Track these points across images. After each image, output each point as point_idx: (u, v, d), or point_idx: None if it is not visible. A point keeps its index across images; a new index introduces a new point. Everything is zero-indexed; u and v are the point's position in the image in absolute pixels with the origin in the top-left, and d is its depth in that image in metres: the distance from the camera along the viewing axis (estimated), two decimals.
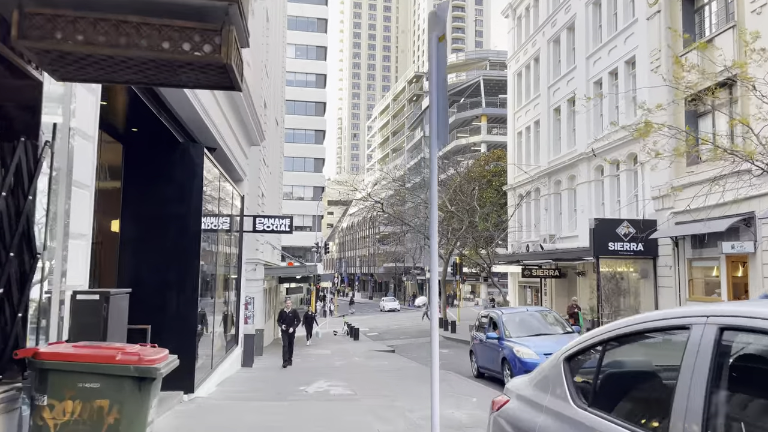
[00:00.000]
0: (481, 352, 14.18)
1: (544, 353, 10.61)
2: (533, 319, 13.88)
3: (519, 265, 30.35)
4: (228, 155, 11.98)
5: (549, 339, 12.38)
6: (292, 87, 62.05)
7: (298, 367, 15.95)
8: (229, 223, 12.89)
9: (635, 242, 21.70)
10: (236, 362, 14.41)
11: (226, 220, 12.65)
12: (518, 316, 13.91)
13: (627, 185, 24.35)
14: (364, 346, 24.34)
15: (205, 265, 10.39)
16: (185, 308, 8.63)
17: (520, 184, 34.69)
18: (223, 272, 12.56)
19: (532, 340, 12.29)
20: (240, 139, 13.55)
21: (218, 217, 11.31)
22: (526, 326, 13.31)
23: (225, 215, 12.41)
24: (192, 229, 8.74)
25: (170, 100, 7.79)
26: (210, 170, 10.34)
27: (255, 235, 19.31)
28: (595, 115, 27.26)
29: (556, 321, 14.35)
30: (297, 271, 25.60)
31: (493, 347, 13.08)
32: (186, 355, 8.57)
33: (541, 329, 13.34)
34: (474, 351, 14.93)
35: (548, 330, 13.36)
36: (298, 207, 59.38)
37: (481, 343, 14.23)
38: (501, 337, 12.81)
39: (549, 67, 32.02)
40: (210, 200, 10.65)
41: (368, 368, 15.05)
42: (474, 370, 14.69)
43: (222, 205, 11.95)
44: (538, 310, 15.38)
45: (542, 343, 11.93)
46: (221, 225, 11.95)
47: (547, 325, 13.69)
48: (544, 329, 13.36)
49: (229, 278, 12.99)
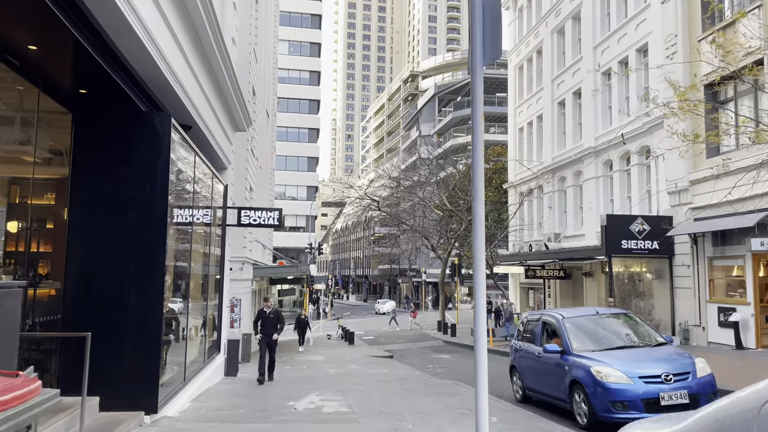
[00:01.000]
0: (531, 370, 10.51)
1: (639, 376, 8.15)
2: (609, 326, 10.16)
3: (522, 265, 28.93)
4: (207, 137, 10.50)
5: (639, 354, 9.07)
6: (285, 84, 60.57)
7: (287, 376, 14.41)
8: (209, 215, 11.40)
9: (650, 240, 20.34)
10: (218, 371, 12.89)
11: (207, 211, 11.16)
12: (587, 322, 10.11)
13: (639, 180, 23.00)
14: (359, 351, 22.84)
15: (177, 260, 8.88)
16: (147, 310, 7.14)
17: (521, 182, 33.32)
18: (202, 270, 11.07)
19: (616, 355, 8.88)
20: (222, 121, 12.06)
21: (194, 208, 9.80)
22: (602, 335, 9.75)
23: (204, 206, 10.91)
24: (156, 215, 7.25)
25: (127, 54, 6.31)
26: (182, 149, 8.85)
27: (242, 231, 17.81)
28: (603, 107, 25.92)
29: (641, 327, 10.35)
30: (288, 271, 23.89)
31: (552, 364, 9.56)
32: (147, 367, 7.09)
33: (623, 340, 9.72)
34: (518, 367, 11.08)
35: (633, 340, 9.72)
36: (291, 207, 57.85)
37: (531, 357, 10.52)
38: (566, 351, 9.30)
39: (552, 59, 30.69)
40: (183, 186, 9.15)
41: (366, 378, 13.56)
42: (517, 391, 11.08)
43: (199, 194, 10.45)
44: (611, 312, 11.02)
45: (632, 360, 8.68)
46: (199, 216, 10.45)
47: (630, 334, 9.97)
48: (628, 339, 9.75)
49: (209, 277, 11.50)
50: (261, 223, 13.20)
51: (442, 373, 15.21)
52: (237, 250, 17.52)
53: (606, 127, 25.48)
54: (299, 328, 25.29)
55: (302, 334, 25.02)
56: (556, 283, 29.51)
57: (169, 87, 7.26)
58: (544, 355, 9.83)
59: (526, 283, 33.60)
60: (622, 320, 10.52)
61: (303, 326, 25.23)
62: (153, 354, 7.17)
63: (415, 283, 68.76)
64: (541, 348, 9.97)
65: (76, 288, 7.08)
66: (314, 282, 54.77)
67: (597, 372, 8.38)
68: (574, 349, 9.27)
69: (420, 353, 22.61)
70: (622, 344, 9.53)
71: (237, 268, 17.42)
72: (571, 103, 28.75)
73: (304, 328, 25.22)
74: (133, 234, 7.23)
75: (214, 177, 11.71)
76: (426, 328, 36.22)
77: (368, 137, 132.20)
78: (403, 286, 76.71)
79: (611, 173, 25.17)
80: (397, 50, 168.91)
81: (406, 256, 67.21)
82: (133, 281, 7.18)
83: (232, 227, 14.05)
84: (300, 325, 25.26)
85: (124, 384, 7.03)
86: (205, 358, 11.39)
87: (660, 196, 21.12)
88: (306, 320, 25.62)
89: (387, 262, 75.76)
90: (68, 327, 6.93)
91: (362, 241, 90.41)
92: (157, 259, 7.22)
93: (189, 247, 9.37)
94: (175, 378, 8.63)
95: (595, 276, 25.54)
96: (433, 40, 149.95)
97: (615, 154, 24.51)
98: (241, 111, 13.10)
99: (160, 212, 7.27)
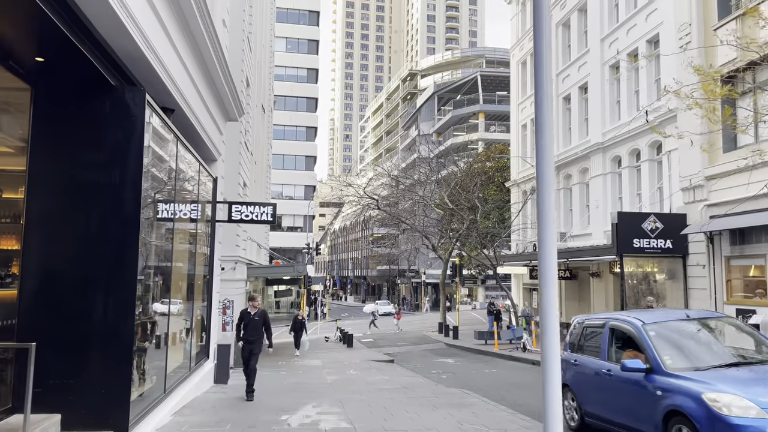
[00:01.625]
0: (595, 391, 8.23)
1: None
2: (707, 335, 7.82)
3: (527, 265, 28.00)
4: (193, 123, 9.56)
5: (758, 372, 6.75)
6: (282, 81, 59.65)
7: (282, 383, 13.46)
8: (197, 210, 10.45)
9: (663, 239, 19.43)
10: (207, 379, 11.94)
11: (194, 205, 10.21)
12: (677, 329, 7.76)
13: (649, 177, 22.08)
14: (358, 355, 21.90)
15: (157, 258, 7.95)
16: (117, 315, 6.20)
17: (524, 180, 32.39)
18: (188, 270, 10.12)
19: (732, 376, 6.62)
20: (211, 108, 11.12)
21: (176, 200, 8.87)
22: (702, 348, 7.47)
23: (189, 200, 9.96)
24: (128, 207, 6.31)
25: (92, 16, 5.37)
26: (163, 134, 7.91)
27: (235, 229, 16.86)
28: (611, 101, 25.01)
29: (751, 336, 7.88)
30: (284, 271, 22.81)
31: (630, 386, 7.33)
32: (116, 380, 6.16)
33: (732, 354, 7.39)
34: (575, 386, 8.70)
35: (746, 355, 7.37)
36: (289, 207, 56.91)
37: (595, 374, 8.19)
38: (655, 369, 7.02)
39: (557, 53, 29.78)
40: (163, 176, 8.21)
41: (366, 386, 12.62)
42: (572, 417, 8.76)
43: (183, 185, 9.50)
44: (706, 315, 8.56)
45: (757, 383, 6.39)
46: (183, 210, 9.51)
47: (740, 345, 7.65)
48: (738, 353, 7.39)
49: (195, 277, 10.54)
50: (254, 219, 12.25)
51: (447, 380, 14.29)
52: (229, 248, 16.57)
53: (614, 122, 24.57)
54: (295, 330, 24.10)
55: (298, 336, 23.84)
56: (561, 283, 28.55)
57: (145, 61, 6.34)
58: (619, 373, 7.47)
59: (529, 283, 32.67)
60: (722, 326, 8.10)
61: (299, 328, 24.02)
62: (123, 364, 6.23)
63: (414, 284, 67.83)
64: (614, 363, 7.69)
65: (35, 290, 6.15)
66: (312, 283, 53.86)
67: (712, 401, 6.04)
68: (668, 367, 6.92)
69: (422, 357, 21.68)
70: (734, 360, 7.12)
71: (229, 267, 16.47)
72: (576, 98, 27.84)
73: (300, 330, 23.97)
74: (102, 228, 6.29)
75: (201, 168, 10.77)
76: (427, 330, 35.28)
77: (366, 137, 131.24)
78: (402, 287, 75.78)
79: (620, 170, 24.26)
80: (395, 50, 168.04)
81: (405, 257, 66.28)
82: (100, 282, 6.24)
83: (222, 224, 13.11)
84: (296, 327, 24.06)
85: (90, 399, 6.10)
86: (191, 365, 10.44)
87: (673, 192, 20.22)
88: (303, 322, 24.39)
89: (386, 262, 74.82)
90: (25, 334, 6.00)
91: (360, 242, 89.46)
92: (128, 257, 6.28)
93: (171, 244, 8.42)
94: (154, 389, 7.69)
95: (603, 276, 24.63)
96: (432, 39, 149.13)
97: (624, 150, 23.61)
98: (232, 98, 12.16)
99: (133, 203, 6.33)
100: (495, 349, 20.42)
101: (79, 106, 6.31)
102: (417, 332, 35.34)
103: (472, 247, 33.29)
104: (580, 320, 9.82)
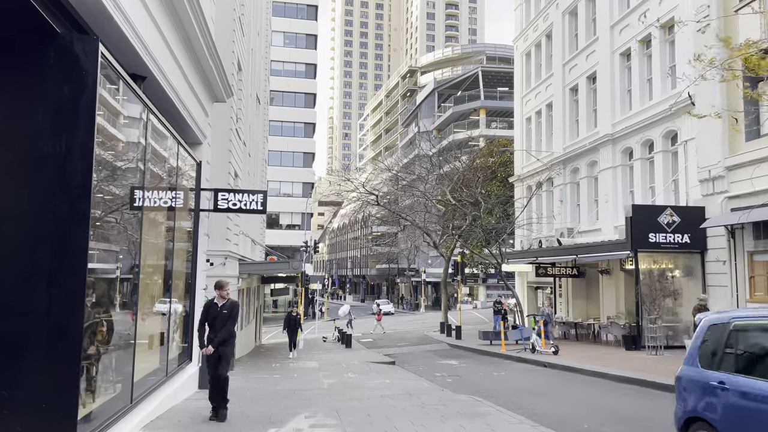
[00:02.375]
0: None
1: None
2: None
3: (533, 263, 26.88)
4: (171, 97, 8.45)
5: None
6: (280, 77, 58.44)
7: (274, 388, 12.33)
8: (176, 197, 9.32)
9: (680, 233, 18.34)
10: (189, 384, 10.82)
11: (174, 191, 9.09)
12: None
13: (663, 169, 21.00)
14: (357, 356, 20.78)
15: (122, 248, 6.83)
16: (61, 308, 5.09)
17: (529, 175, 31.30)
18: (165, 262, 8.99)
19: None
20: (194, 83, 10.00)
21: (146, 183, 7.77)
22: None
23: (166, 185, 8.85)
24: (76, 177, 5.19)
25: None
26: (128, 102, 6.80)
27: (224, 221, 15.73)
28: (621, 91, 23.92)
29: None
30: (279, 268, 21.40)
31: None
32: (60, 391, 5.03)
33: None
34: (715, 421, 5.53)
35: None
36: (287, 204, 55.74)
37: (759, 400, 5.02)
38: None
39: (564, 43, 28.69)
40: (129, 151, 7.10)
41: (366, 391, 11.51)
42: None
43: (157, 164, 8.39)
44: None
45: None
46: (160, 195, 8.39)
47: None
48: None
49: (173, 272, 9.41)
50: (242, 207, 11.13)
51: (454, 384, 13.18)
52: (218, 242, 15.45)
53: (625, 112, 23.48)
54: (289, 328, 22.19)
55: (293, 335, 22.11)
56: (567, 281, 27.49)
57: (101, 8, 5.23)
58: None
59: (533, 282, 31.56)
60: None
61: (294, 326, 22.18)
62: (70, 370, 5.11)
63: (414, 283, 66.69)
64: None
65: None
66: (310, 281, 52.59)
67: None
68: None
69: (424, 358, 20.56)
70: None
71: (218, 263, 15.34)
72: (584, 89, 26.75)
73: (294, 329, 22.15)
74: (45, 204, 5.17)
75: (182, 150, 9.64)
76: (428, 330, 34.19)
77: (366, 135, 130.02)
78: (401, 286, 74.64)
79: (631, 162, 23.16)
80: (394, 48, 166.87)
81: (405, 255, 65.11)
82: (42, 269, 5.13)
83: (210, 215, 11.99)
84: (290, 325, 22.18)
85: (27, 415, 4.99)
86: (169, 370, 9.32)
87: (690, 185, 19.12)
88: (297, 319, 22.32)
89: (385, 261, 73.69)
90: None
91: (360, 241, 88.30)
92: (75, 242, 5.16)
93: (140, 231, 7.29)
94: (116, 400, 6.57)
95: (613, 274, 23.53)
96: (431, 37, 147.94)
97: (635, 141, 22.52)
98: (218, 76, 11.04)
99: (82, 175, 5.21)
100: (502, 350, 19.32)
101: (15, 56, 5.19)
102: (418, 332, 34.24)
103: (475, 245, 32.16)
104: (719, 319, 6.08)
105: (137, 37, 6.51)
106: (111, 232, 6.45)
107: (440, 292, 66.27)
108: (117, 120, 6.59)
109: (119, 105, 6.59)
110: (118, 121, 6.65)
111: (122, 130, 6.82)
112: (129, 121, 7.03)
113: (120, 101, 6.59)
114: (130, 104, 6.94)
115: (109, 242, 6.40)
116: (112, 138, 6.43)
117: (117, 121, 6.60)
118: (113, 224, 6.50)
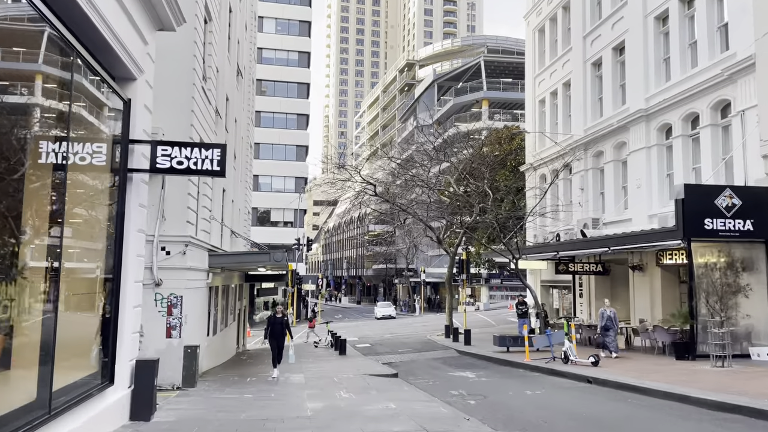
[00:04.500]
0: None
1: None
2: None
3: (551, 259, 23.76)
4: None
5: None
6: (272, 66, 55.30)
7: (238, 417, 9.13)
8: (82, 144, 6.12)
9: (741, 219, 15.23)
10: (111, 416, 7.62)
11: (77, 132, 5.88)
12: None
13: (712, 146, 17.88)
14: (352, 366, 17.58)
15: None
16: None
17: (542, 162, 28.12)
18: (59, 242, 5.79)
19: None
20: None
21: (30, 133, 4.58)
22: None
23: (56, 118, 5.67)
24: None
25: None
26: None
27: (184, 199, 12.50)
28: (656, 60, 20.82)
29: None
30: (258, 260, 17.29)
31: None
32: None
33: None
34: None
35: None
36: (278, 200, 52.50)
37: None
38: None
39: (584, 13, 25.61)
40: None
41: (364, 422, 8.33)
42: None
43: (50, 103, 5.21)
44: None
45: None
46: (53, 149, 5.20)
47: None
48: None
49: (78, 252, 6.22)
50: (191, 167, 7.96)
51: (479, 407, 10.03)
52: (176, 226, 12.25)
53: (660, 84, 20.38)
54: (272, 335, 15.19)
55: (278, 345, 15.16)
56: (590, 280, 24.38)
57: None
58: None
59: (548, 280, 28.45)
60: None
61: (280, 333, 15.17)
62: None
63: (413, 284, 63.47)
64: None
65: None
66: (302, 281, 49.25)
67: None
68: None
69: (432, 368, 17.39)
70: None
71: (177, 251, 12.16)
72: (610, 62, 23.64)
73: (281, 336, 15.21)
74: None
75: (88, 71, 6.44)
76: (431, 334, 31.00)
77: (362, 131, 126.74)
78: (399, 286, 71.36)
79: (669, 141, 20.04)
80: (391, 45, 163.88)
81: (403, 254, 61.90)
82: None
83: (147, 177, 8.77)
84: (274, 331, 15.14)
85: None
86: (53, 402, 6.10)
87: (749, 162, 16.01)
88: (284, 322, 15.29)
89: (382, 261, 70.44)
90: None
91: (356, 240, 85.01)
92: None
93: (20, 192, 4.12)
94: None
95: (648, 270, 20.40)
96: (429, 34, 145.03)
97: (676, 116, 19.41)
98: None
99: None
100: (526, 359, 16.12)
101: None
102: (419, 336, 31.04)
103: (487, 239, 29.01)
104: None
105: None
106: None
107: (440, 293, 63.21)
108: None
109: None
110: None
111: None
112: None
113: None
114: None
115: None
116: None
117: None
118: None
